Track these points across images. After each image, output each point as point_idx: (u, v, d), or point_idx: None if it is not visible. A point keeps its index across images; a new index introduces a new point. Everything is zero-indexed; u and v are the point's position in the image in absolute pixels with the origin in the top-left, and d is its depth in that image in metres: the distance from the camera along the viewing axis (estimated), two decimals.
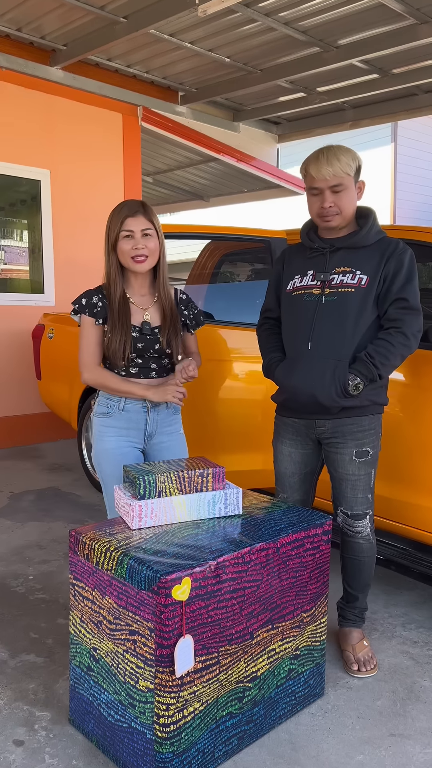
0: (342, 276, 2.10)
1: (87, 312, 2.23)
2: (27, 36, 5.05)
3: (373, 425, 2.16)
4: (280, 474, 2.34)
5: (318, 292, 2.12)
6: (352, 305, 2.07)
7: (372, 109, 6.56)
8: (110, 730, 1.77)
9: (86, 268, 5.84)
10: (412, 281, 2.08)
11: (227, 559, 1.70)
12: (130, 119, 5.98)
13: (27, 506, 3.96)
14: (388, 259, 2.08)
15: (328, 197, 2.07)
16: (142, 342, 2.21)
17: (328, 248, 2.14)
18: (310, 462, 2.29)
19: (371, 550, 2.27)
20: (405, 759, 1.82)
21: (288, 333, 2.22)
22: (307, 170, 2.10)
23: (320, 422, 2.17)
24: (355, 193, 2.12)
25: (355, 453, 2.15)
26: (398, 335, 2.05)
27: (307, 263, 2.20)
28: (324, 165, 2.04)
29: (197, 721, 1.69)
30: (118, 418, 2.25)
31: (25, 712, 1.99)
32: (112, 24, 4.70)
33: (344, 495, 2.20)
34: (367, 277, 2.07)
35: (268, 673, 1.87)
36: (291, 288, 2.22)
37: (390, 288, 2.07)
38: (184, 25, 4.77)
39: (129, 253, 2.17)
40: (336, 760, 1.81)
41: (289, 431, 2.26)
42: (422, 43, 4.82)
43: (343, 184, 2.06)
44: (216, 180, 8.11)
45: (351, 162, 2.07)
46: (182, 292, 2.37)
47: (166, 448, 2.34)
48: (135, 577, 1.63)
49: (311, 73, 5.41)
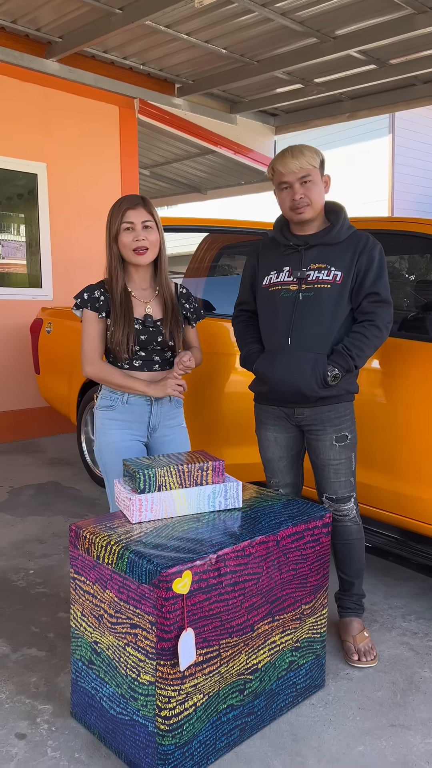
0: (317, 272, 2.19)
1: (89, 306, 2.24)
2: (22, 28, 5.02)
3: (348, 411, 2.26)
4: (268, 460, 2.40)
5: (295, 288, 2.21)
6: (328, 300, 2.16)
7: (370, 100, 6.53)
8: (112, 723, 1.78)
9: (84, 262, 5.82)
10: (383, 275, 2.19)
11: (227, 552, 1.70)
12: (127, 112, 5.95)
13: (27, 501, 3.97)
14: (360, 254, 2.18)
15: (298, 189, 2.15)
16: (145, 334, 2.24)
17: (303, 245, 2.22)
18: (296, 445, 2.37)
19: (359, 533, 2.33)
20: (405, 749, 1.83)
21: (267, 328, 2.29)
22: (274, 168, 2.19)
23: (299, 410, 2.26)
24: (322, 186, 2.21)
25: (334, 438, 2.24)
26: (372, 327, 2.15)
27: (283, 260, 2.27)
28: (290, 159, 2.14)
29: (199, 713, 1.69)
30: (122, 411, 2.27)
31: (27, 706, 2.00)
32: (107, 15, 4.67)
33: (328, 480, 2.28)
34: (341, 273, 2.17)
35: (269, 665, 1.88)
36: (267, 283, 2.29)
37: (363, 282, 2.17)
38: (181, 16, 4.73)
39: (130, 246, 2.19)
40: (337, 751, 1.82)
41: (271, 418, 2.34)
42: (420, 33, 4.79)
43: (310, 175, 2.15)
44: (213, 172, 8.09)
45: (315, 155, 2.17)
46: (182, 286, 2.40)
47: (168, 441, 2.36)
48: (136, 571, 1.63)
49: (308, 64, 5.38)
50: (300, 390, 2.16)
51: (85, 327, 2.26)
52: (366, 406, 2.64)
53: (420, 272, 3.73)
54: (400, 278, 3.84)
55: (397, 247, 3.15)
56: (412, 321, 2.87)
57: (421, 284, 3.57)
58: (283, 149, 2.19)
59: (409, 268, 3.81)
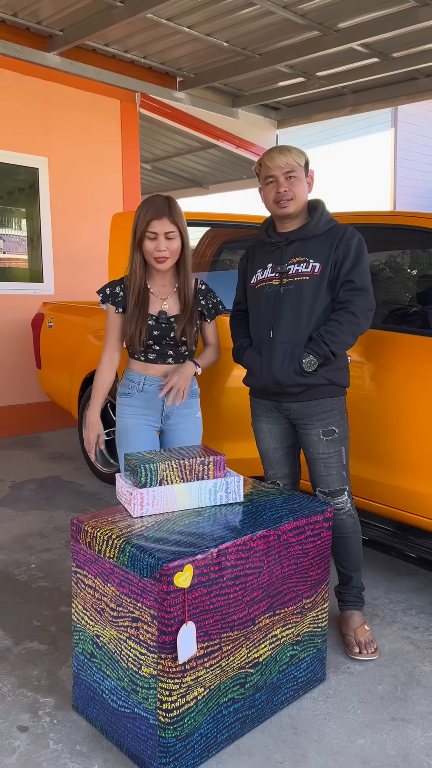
0: (297, 266, 2.24)
1: (110, 301, 2.42)
2: (23, 21, 5.00)
3: (336, 406, 2.28)
4: (264, 451, 2.45)
5: (277, 282, 2.27)
6: (307, 292, 2.21)
7: (372, 94, 6.50)
8: (114, 715, 1.79)
9: (85, 256, 5.82)
10: (360, 263, 2.21)
11: (229, 547, 1.70)
12: (129, 106, 5.93)
13: (29, 495, 3.98)
14: (338, 245, 2.22)
15: (282, 183, 2.21)
16: (158, 330, 2.37)
17: (284, 241, 2.28)
18: (290, 436, 2.41)
19: (355, 525, 2.35)
20: (406, 742, 1.83)
21: (253, 323, 2.36)
22: (261, 163, 2.25)
23: (286, 405, 2.30)
24: (306, 185, 2.26)
25: (321, 432, 2.27)
26: (347, 315, 2.18)
27: (267, 257, 2.34)
28: (277, 155, 2.21)
29: (200, 706, 1.70)
30: (137, 398, 2.43)
31: (29, 699, 2.01)
32: (109, 8, 4.65)
33: (319, 474, 2.31)
34: (320, 265, 2.22)
35: (269, 659, 1.88)
36: (254, 281, 2.36)
37: (339, 271, 2.22)
38: (182, 9, 4.71)
39: (152, 254, 2.32)
40: (337, 744, 1.82)
41: (264, 410, 2.39)
42: (423, 26, 4.76)
43: (295, 171, 2.21)
44: (215, 167, 8.06)
45: (300, 155, 2.24)
46: (202, 283, 2.51)
47: (182, 430, 2.48)
48: (137, 565, 1.63)
49: (311, 57, 5.35)
50: (278, 379, 2.21)
51: (107, 320, 2.46)
52: (366, 401, 2.64)
53: (421, 267, 3.72)
54: (402, 273, 3.83)
55: (399, 241, 3.15)
56: (413, 315, 2.86)
57: (424, 279, 3.56)
58: (270, 148, 2.28)
59: (411, 263, 3.80)
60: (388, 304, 3.32)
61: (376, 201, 11.55)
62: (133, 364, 2.47)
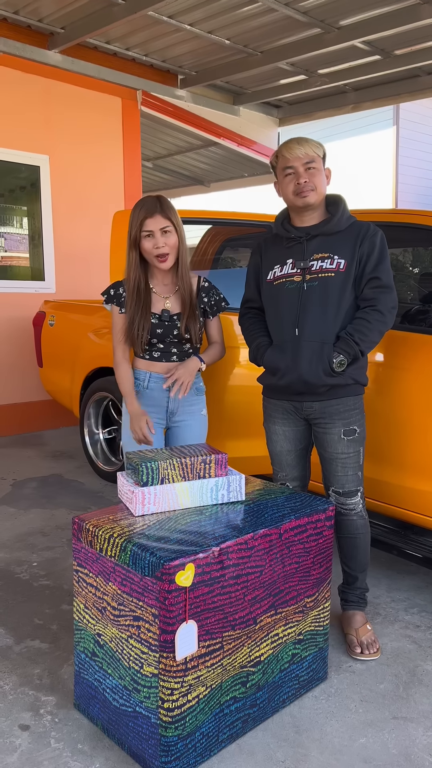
0: (321, 262, 2.19)
1: (114, 301, 2.45)
2: (24, 19, 4.99)
3: (357, 405, 2.25)
4: (276, 453, 2.41)
5: (299, 279, 2.21)
6: (333, 289, 2.17)
7: (374, 92, 6.49)
8: (115, 714, 1.79)
9: (86, 255, 5.81)
10: (384, 261, 2.18)
11: (230, 545, 1.70)
12: (130, 103, 5.93)
13: (30, 493, 3.98)
14: (362, 241, 2.18)
15: (302, 174, 2.17)
16: (161, 328, 2.39)
17: (304, 236, 2.22)
18: (304, 438, 2.37)
19: (365, 527, 2.33)
20: (408, 741, 1.83)
21: (274, 321, 2.29)
22: (279, 154, 2.21)
23: (308, 404, 2.25)
24: (325, 177, 2.22)
25: (343, 432, 2.23)
26: (374, 313, 2.15)
27: (285, 252, 2.27)
28: (296, 145, 2.17)
29: (201, 705, 1.70)
30: (143, 396, 2.48)
31: (30, 697, 2.01)
32: (110, 6, 4.64)
33: (335, 474, 2.28)
34: (344, 261, 2.17)
35: (271, 658, 1.88)
36: (272, 278, 2.29)
37: (365, 269, 2.18)
38: (184, 6, 4.70)
39: (152, 253, 2.32)
40: (339, 743, 1.82)
41: (279, 411, 2.34)
42: (425, 23, 4.75)
43: (314, 162, 2.17)
44: (216, 164, 8.05)
45: (318, 146, 2.21)
46: (205, 280, 2.51)
47: (187, 427, 2.51)
48: (139, 564, 1.63)
49: (312, 54, 5.34)
50: (305, 379, 2.16)
51: (112, 320, 2.48)
52: (369, 399, 2.64)
53: (423, 265, 3.71)
54: (403, 271, 3.82)
55: (401, 239, 3.14)
56: (415, 314, 2.85)
57: (426, 277, 3.55)
58: (288, 139, 2.22)
59: (413, 261, 3.79)
60: None
61: (378, 199, 11.53)
62: (137, 362, 2.49)
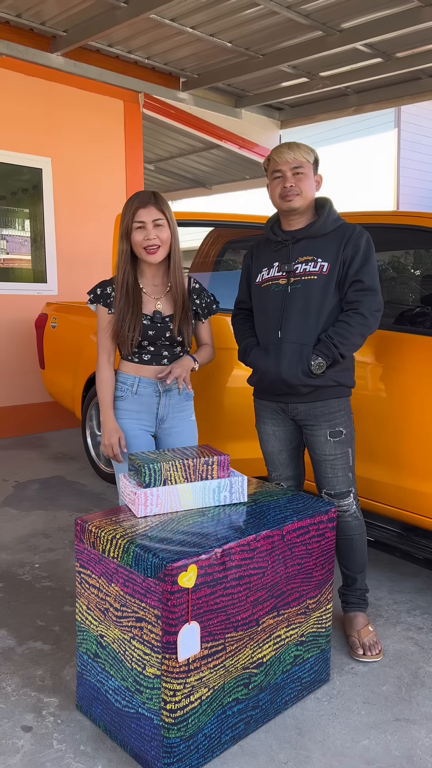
0: (305, 265, 2.22)
1: (101, 302, 2.33)
2: (27, 22, 5.01)
3: (342, 406, 2.26)
4: (268, 453, 2.42)
5: (284, 282, 2.24)
6: (315, 292, 2.19)
7: (375, 94, 6.50)
8: (118, 715, 1.79)
9: (88, 257, 5.82)
10: (368, 263, 2.19)
11: (233, 547, 1.70)
12: (132, 106, 5.94)
13: (32, 495, 3.98)
14: (346, 244, 2.20)
15: (289, 178, 2.20)
16: (153, 330, 2.29)
17: (290, 240, 2.26)
18: (294, 438, 2.38)
19: (360, 527, 2.34)
20: (410, 743, 1.83)
21: (260, 323, 2.32)
22: (270, 158, 2.25)
23: (293, 405, 2.27)
24: (314, 183, 2.25)
25: (329, 434, 2.25)
26: (356, 316, 2.16)
27: (273, 256, 2.31)
28: (285, 150, 2.20)
29: (204, 706, 1.70)
30: (131, 401, 2.34)
31: (32, 699, 2.01)
32: (112, 9, 4.65)
33: (325, 476, 2.29)
34: (328, 264, 2.19)
35: (274, 660, 1.88)
36: (260, 280, 2.33)
37: (348, 271, 2.19)
38: (186, 9, 4.71)
39: (141, 244, 2.24)
40: (342, 745, 1.82)
41: (269, 411, 2.36)
42: (426, 26, 4.76)
43: (303, 167, 2.20)
44: (218, 167, 8.06)
45: (310, 152, 2.23)
46: (196, 281, 2.44)
47: (176, 433, 2.40)
48: (141, 565, 1.63)
49: (314, 57, 5.35)
50: (285, 379, 2.18)
51: (98, 323, 2.36)
52: (368, 401, 2.64)
53: (424, 267, 3.71)
54: (405, 273, 3.83)
55: (402, 241, 3.14)
56: (416, 315, 2.86)
57: (427, 279, 3.55)
58: (281, 143, 2.28)
59: (414, 263, 3.80)
60: (392, 304, 3.31)
61: (380, 201, 11.54)
62: (125, 365, 2.37)
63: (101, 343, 2.34)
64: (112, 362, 2.36)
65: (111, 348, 2.35)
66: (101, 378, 2.34)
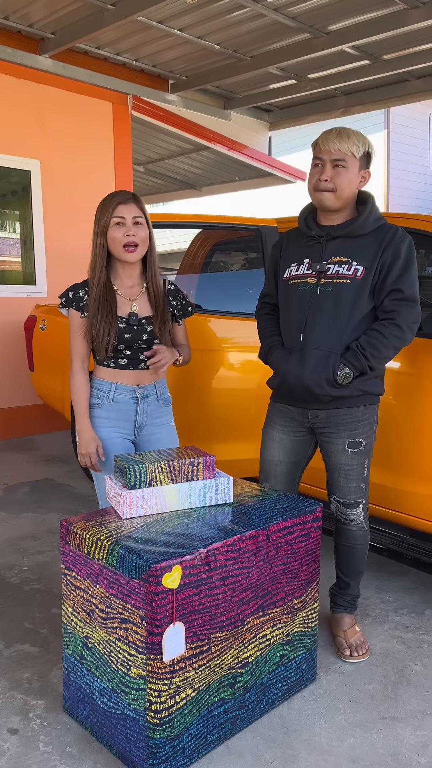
0: (337, 266, 2.07)
1: (74, 305, 2.24)
2: (14, 24, 5.01)
3: (367, 416, 2.14)
4: (266, 462, 2.31)
5: (313, 281, 2.10)
6: (346, 297, 2.04)
7: (363, 96, 6.53)
8: (104, 717, 1.79)
9: (78, 259, 5.81)
10: (409, 271, 2.04)
11: (217, 547, 1.70)
12: (121, 108, 5.94)
13: (21, 498, 3.97)
14: (385, 248, 2.04)
15: (327, 170, 2.05)
16: (129, 332, 2.20)
17: (325, 236, 2.11)
18: (300, 450, 2.28)
19: (364, 538, 2.28)
20: (396, 741, 1.84)
21: (284, 322, 2.20)
22: (317, 141, 2.09)
23: (314, 412, 2.16)
24: (358, 178, 2.09)
25: (347, 443, 2.14)
26: (392, 327, 2.02)
27: (304, 251, 2.16)
28: (333, 138, 2.03)
29: (189, 707, 1.70)
30: (107, 409, 2.26)
31: (19, 701, 2.01)
32: (100, 11, 4.66)
33: (337, 484, 2.21)
34: (363, 268, 2.04)
35: (259, 659, 1.88)
36: (288, 276, 2.19)
37: (386, 279, 2.04)
38: (173, 11, 4.73)
39: (120, 241, 2.16)
40: (327, 744, 1.83)
41: (283, 417, 2.25)
42: (413, 28, 4.79)
43: (345, 161, 2.03)
44: (208, 169, 8.07)
45: (360, 144, 2.05)
46: (170, 283, 2.37)
47: (156, 440, 2.33)
48: (126, 566, 1.64)
49: (302, 59, 5.37)
50: (309, 388, 2.06)
51: (70, 327, 2.27)
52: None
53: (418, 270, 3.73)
54: None
55: None
56: None
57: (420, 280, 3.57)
58: (333, 128, 2.08)
59: None
60: None
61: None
62: (100, 371, 2.27)
63: (74, 348, 2.25)
64: (86, 368, 2.28)
65: (85, 353, 2.26)
66: (76, 385, 2.25)
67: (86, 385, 2.26)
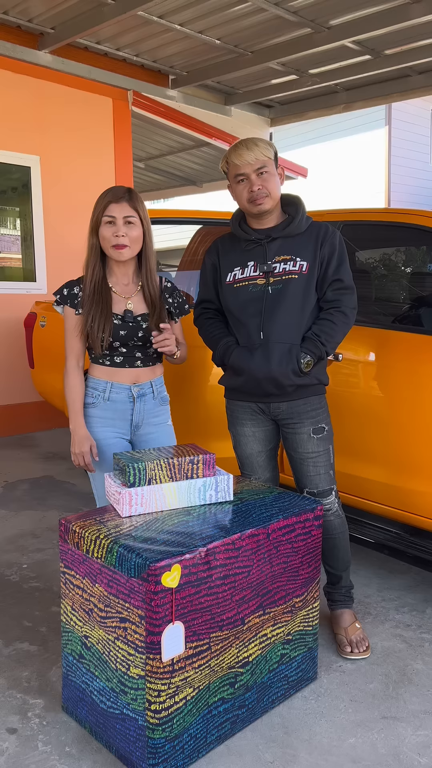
0: (284, 264, 2.18)
1: (69, 303, 2.23)
2: (14, 19, 4.98)
3: (322, 403, 2.28)
4: (246, 456, 2.36)
5: (263, 282, 2.19)
6: (297, 291, 2.17)
7: (365, 91, 6.50)
8: (103, 716, 1.78)
9: (78, 255, 5.75)
10: (345, 262, 2.20)
11: (217, 546, 1.69)
12: (121, 104, 5.91)
13: (21, 495, 3.96)
14: (322, 243, 2.19)
15: (255, 180, 2.14)
16: (124, 330, 2.18)
17: (265, 238, 2.20)
18: (273, 438, 2.36)
19: (342, 526, 2.33)
20: (397, 741, 1.82)
21: (237, 324, 2.24)
22: (228, 160, 2.17)
23: (275, 405, 2.25)
24: (278, 178, 2.19)
25: (312, 430, 2.24)
26: (338, 314, 2.18)
27: (246, 255, 2.24)
28: (245, 151, 2.12)
29: (189, 706, 1.69)
30: (103, 408, 2.23)
31: (18, 700, 2.00)
32: (100, 6, 4.63)
33: (308, 475, 2.27)
34: (306, 264, 2.17)
35: (260, 659, 1.87)
36: (232, 280, 2.25)
37: (327, 270, 2.19)
38: (174, 6, 4.70)
39: (110, 241, 2.14)
40: (328, 743, 1.81)
41: (248, 412, 2.31)
42: (415, 22, 4.76)
43: (266, 166, 2.14)
44: (209, 165, 8.04)
45: (268, 147, 2.16)
46: (167, 281, 2.34)
47: (153, 439, 2.31)
48: (125, 565, 1.62)
49: (303, 54, 5.34)
50: (277, 380, 2.15)
51: (65, 324, 2.24)
52: (363, 399, 2.63)
53: (416, 265, 3.71)
54: (396, 270, 3.82)
55: (393, 239, 3.14)
56: (408, 314, 2.86)
57: (418, 276, 3.55)
58: (236, 142, 2.18)
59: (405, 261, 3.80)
60: (383, 301, 3.31)
61: (371, 199, 11.55)
62: (96, 369, 2.24)
63: (69, 346, 2.23)
64: (81, 367, 2.24)
65: (80, 351, 2.24)
66: (70, 383, 2.22)
67: (80, 383, 2.24)
